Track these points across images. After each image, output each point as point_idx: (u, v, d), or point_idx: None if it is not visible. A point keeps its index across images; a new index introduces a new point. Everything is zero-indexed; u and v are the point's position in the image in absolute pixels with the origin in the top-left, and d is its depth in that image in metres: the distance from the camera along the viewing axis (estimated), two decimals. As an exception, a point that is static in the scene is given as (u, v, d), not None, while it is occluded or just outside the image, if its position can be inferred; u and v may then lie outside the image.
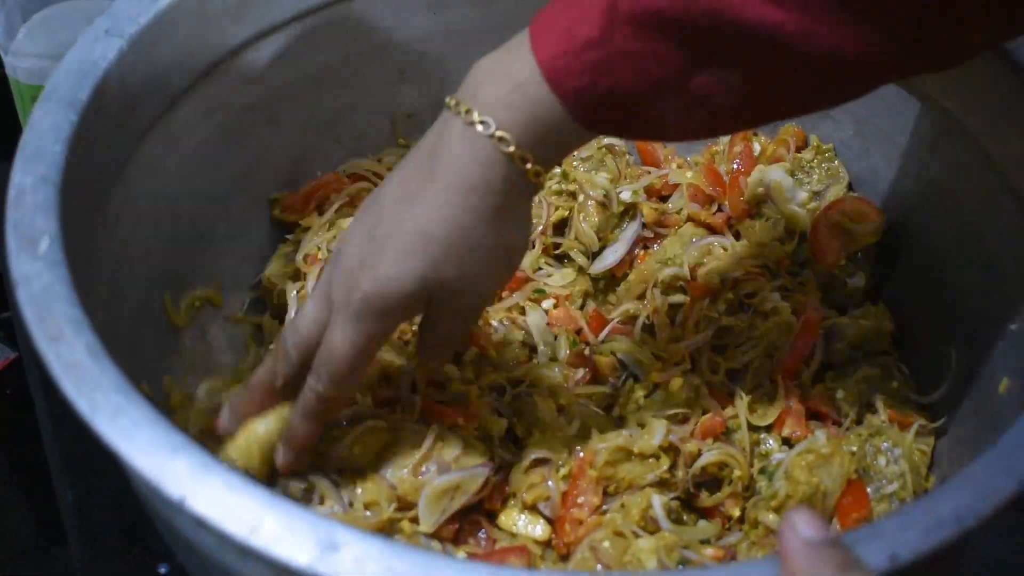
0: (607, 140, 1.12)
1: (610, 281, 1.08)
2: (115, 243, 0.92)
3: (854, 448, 0.91)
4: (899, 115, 1.02)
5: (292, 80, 1.06)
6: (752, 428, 0.95)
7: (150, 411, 0.70)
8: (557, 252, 1.08)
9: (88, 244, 0.86)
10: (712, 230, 1.08)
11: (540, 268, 1.07)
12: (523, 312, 1.04)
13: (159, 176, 0.97)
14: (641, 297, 1.04)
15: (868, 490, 0.90)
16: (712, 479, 0.92)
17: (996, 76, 0.90)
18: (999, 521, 0.66)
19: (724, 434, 0.94)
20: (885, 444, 0.93)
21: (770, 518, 0.88)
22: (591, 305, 1.06)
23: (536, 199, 1.08)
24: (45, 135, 0.83)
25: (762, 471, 0.92)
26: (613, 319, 1.04)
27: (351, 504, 0.87)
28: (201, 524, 0.66)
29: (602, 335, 1.03)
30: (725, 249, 1.05)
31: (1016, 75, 0.89)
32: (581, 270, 1.07)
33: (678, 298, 1.03)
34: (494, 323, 1.03)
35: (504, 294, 1.04)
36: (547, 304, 1.05)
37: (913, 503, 0.66)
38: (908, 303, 1.03)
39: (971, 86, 0.93)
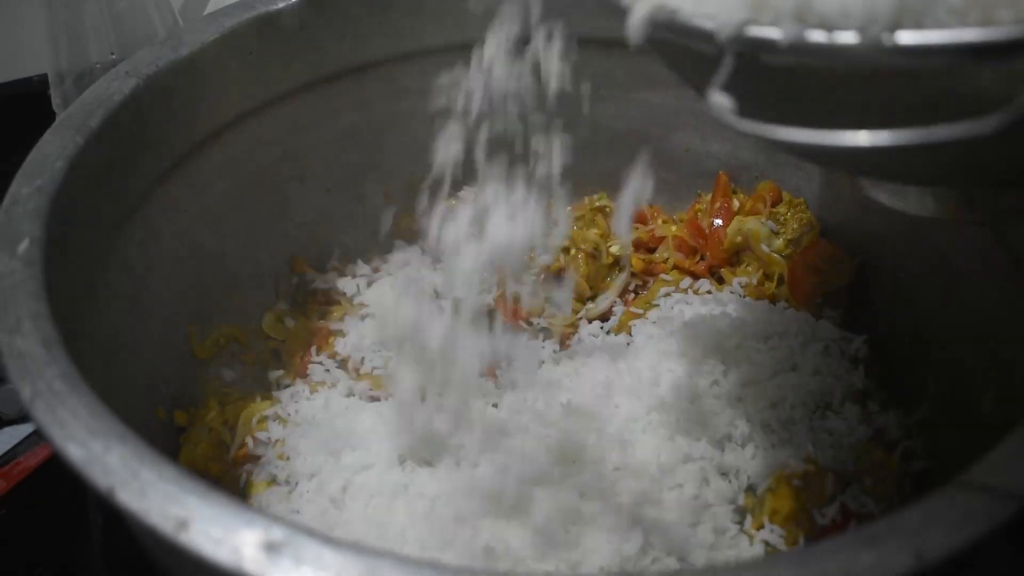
0: (598, 202, 0.91)
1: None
2: (134, 272, 0.70)
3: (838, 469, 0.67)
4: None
5: (315, 143, 0.85)
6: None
7: (94, 403, 0.47)
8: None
9: (100, 269, 0.66)
10: (696, 277, 0.85)
11: (544, 312, 0.84)
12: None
13: (182, 218, 0.75)
14: (629, 334, 0.81)
15: (851, 507, 0.66)
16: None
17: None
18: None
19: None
20: (869, 463, 0.68)
21: (758, 533, 0.63)
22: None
23: (535, 252, 0.88)
24: (49, 154, 0.62)
25: (749, 488, 0.67)
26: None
27: None
28: (130, 519, 0.43)
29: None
30: (709, 292, 0.82)
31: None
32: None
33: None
34: None
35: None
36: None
37: (933, 495, 0.41)
38: (883, 334, 0.78)
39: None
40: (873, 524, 0.40)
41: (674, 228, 0.87)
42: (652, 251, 0.88)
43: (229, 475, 0.71)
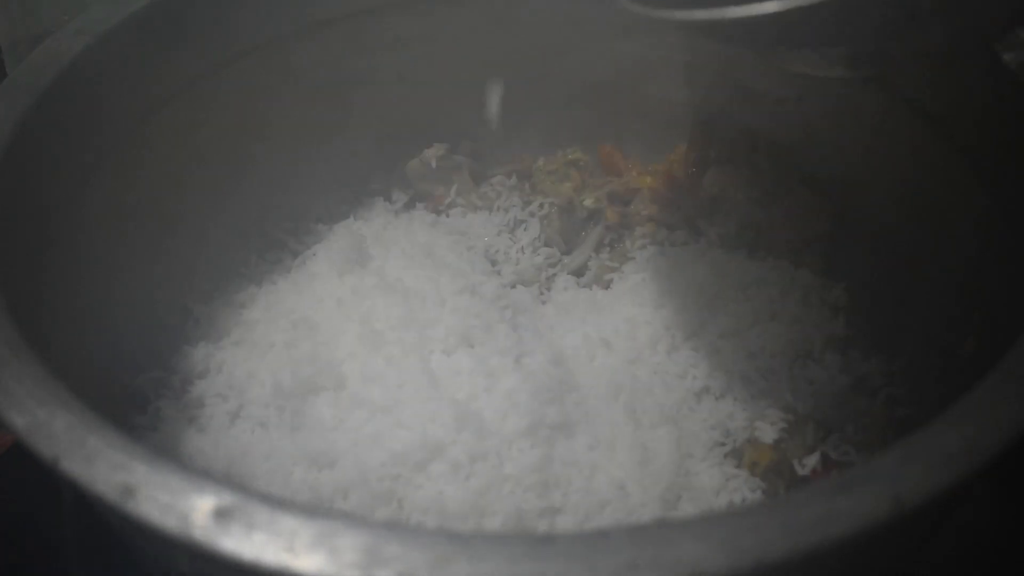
0: (572, 156, 0.88)
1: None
2: (93, 238, 0.67)
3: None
4: (843, 100, 0.76)
5: (279, 102, 0.81)
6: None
7: (39, 369, 0.45)
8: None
9: (55, 234, 0.63)
10: (672, 228, 0.83)
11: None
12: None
13: (143, 182, 0.72)
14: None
15: (833, 457, 0.64)
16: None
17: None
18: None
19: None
20: (851, 412, 0.66)
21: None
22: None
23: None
24: (-4, 115, 0.60)
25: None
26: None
27: None
28: (76, 487, 0.41)
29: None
30: (686, 243, 0.80)
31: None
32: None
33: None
34: None
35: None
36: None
37: (912, 436, 0.39)
38: (863, 281, 0.76)
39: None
40: (850, 469, 0.38)
41: (649, 179, 0.85)
42: (627, 203, 0.85)
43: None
